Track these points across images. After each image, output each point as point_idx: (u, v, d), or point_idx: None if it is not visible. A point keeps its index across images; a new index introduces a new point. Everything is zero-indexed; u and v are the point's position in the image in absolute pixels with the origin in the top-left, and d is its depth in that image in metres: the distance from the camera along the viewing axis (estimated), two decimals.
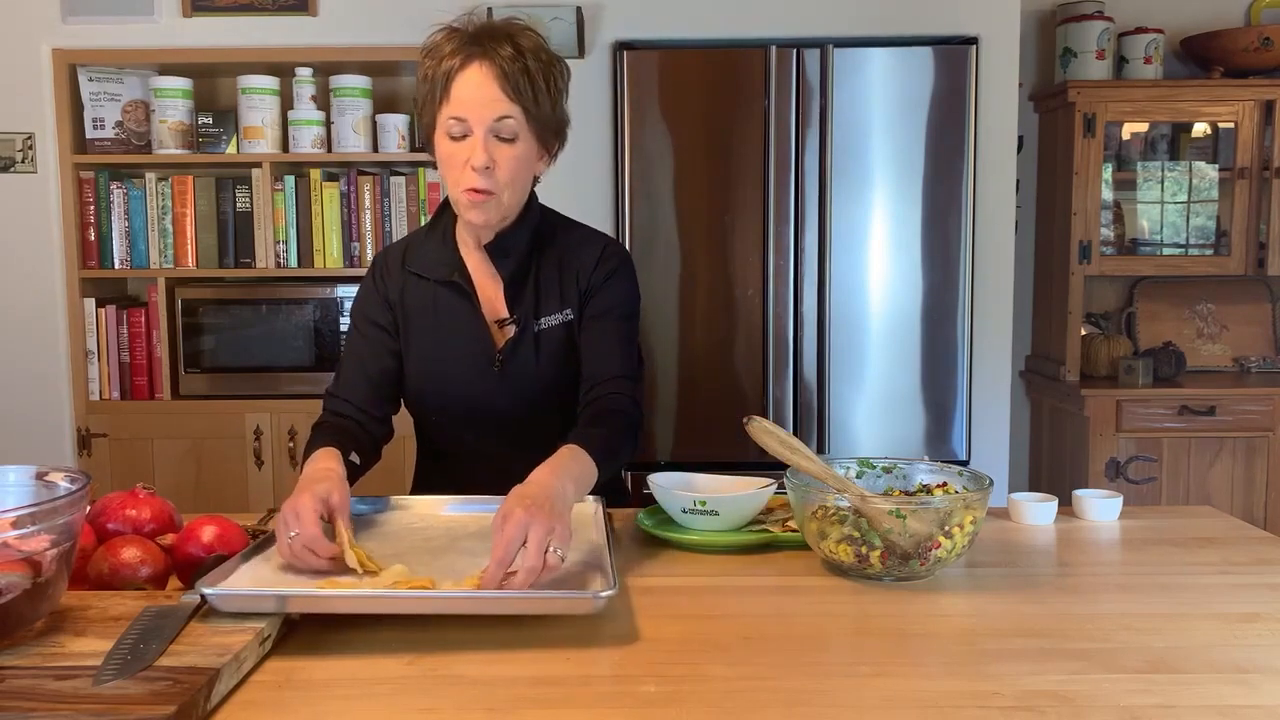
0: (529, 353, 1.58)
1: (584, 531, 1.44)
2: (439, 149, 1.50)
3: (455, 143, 1.47)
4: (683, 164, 3.03)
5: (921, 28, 3.09)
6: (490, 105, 1.44)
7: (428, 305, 1.60)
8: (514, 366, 1.58)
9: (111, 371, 3.21)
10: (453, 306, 1.59)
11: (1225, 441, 3.37)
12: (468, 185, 1.46)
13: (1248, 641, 1.11)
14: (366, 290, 1.66)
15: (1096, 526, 1.57)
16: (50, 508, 1.01)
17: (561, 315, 1.60)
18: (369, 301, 1.64)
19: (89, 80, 3.19)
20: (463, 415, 1.62)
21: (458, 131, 1.46)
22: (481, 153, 1.45)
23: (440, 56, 1.47)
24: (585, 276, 1.60)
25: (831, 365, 3.04)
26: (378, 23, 3.12)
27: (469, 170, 1.46)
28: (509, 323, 1.59)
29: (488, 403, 1.60)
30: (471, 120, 1.45)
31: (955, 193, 3.02)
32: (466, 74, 1.45)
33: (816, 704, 0.97)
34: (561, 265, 1.61)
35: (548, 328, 1.59)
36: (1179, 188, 3.59)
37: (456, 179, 1.48)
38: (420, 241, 1.65)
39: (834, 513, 1.32)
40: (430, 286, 1.60)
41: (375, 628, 1.12)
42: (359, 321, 1.65)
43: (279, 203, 3.19)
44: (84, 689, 0.91)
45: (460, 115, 1.45)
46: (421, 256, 1.62)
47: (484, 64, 1.44)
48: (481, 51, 1.45)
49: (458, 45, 1.46)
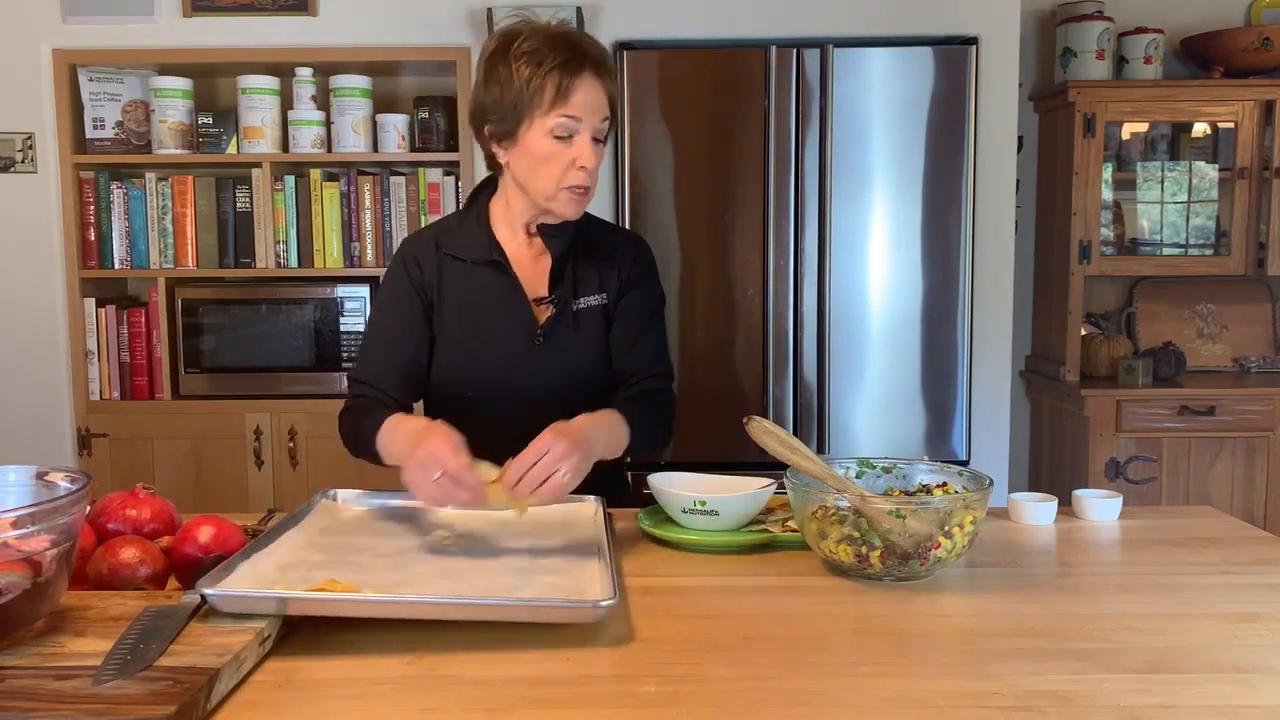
0: (568, 329, 1.66)
1: (584, 531, 1.44)
2: (537, 147, 1.56)
3: (559, 142, 1.55)
4: (683, 164, 3.03)
5: (921, 28, 3.09)
6: (600, 110, 1.56)
7: (465, 286, 1.66)
8: (554, 341, 1.65)
9: (111, 371, 3.21)
10: (493, 285, 1.65)
11: (1225, 441, 3.37)
12: (574, 183, 1.57)
13: (1248, 641, 1.11)
14: (395, 277, 1.68)
15: (1096, 526, 1.57)
16: (50, 508, 1.01)
17: (598, 298, 1.69)
18: (399, 288, 1.67)
19: (89, 80, 3.19)
20: (499, 394, 1.66)
21: (563, 132, 1.54)
22: (592, 153, 1.56)
23: (542, 60, 1.52)
24: (626, 268, 1.71)
25: (831, 365, 3.04)
26: (378, 23, 3.12)
27: (574, 170, 1.56)
28: (548, 301, 1.66)
29: (526, 379, 1.65)
30: (585, 122, 1.55)
31: (955, 193, 3.02)
32: (584, 82, 1.54)
33: (816, 704, 0.97)
34: (600, 253, 1.70)
35: (585, 308, 1.68)
36: (1179, 188, 3.59)
37: (558, 177, 1.56)
38: (454, 227, 1.70)
39: (834, 513, 1.32)
40: (467, 268, 1.66)
41: (375, 628, 1.12)
42: (389, 307, 1.68)
43: (279, 203, 3.19)
44: (84, 689, 0.91)
45: (576, 115, 1.54)
46: (457, 240, 1.68)
47: (596, 75, 1.55)
48: (594, 64, 1.56)
49: (569, 54, 1.54)
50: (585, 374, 1.68)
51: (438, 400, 1.71)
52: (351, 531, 1.42)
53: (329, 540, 1.36)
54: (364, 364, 1.68)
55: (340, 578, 1.19)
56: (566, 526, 1.47)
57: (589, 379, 1.68)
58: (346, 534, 1.40)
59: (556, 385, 1.65)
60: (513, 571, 1.26)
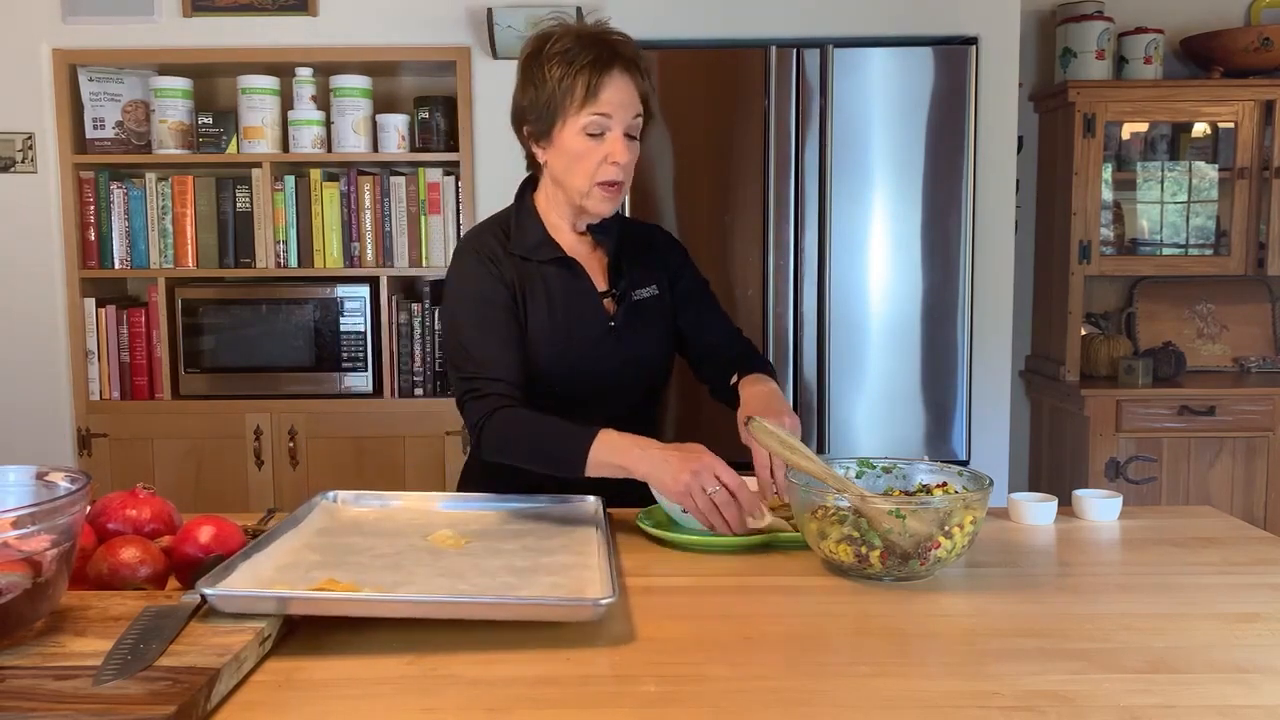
0: (634, 318, 1.73)
1: (584, 531, 1.44)
2: (571, 145, 1.61)
3: (592, 139, 1.60)
4: (683, 164, 3.03)
5: (921, 28, 3.09)
6: (631, 107, 1.61)
7: (539, 284, 1.68)
8: (627, 332, 1.72)
9: (111, 371, 3.21)
10: (565, 282, 1.69)
11: (1225, 441, 3.37)
12: (607, 178, 1.62)
13: (1248, 641, 1.11)
14: (478, 275, 1.66)
15: (1096, 526, 1.57)
16: (50, 508, 1.01)
17: (650, 289, 1.76)
18: (488, 284, 1.66)
19: (89, 80, 3.19)
20: (584, 382, 1.69)
21: (596, 129, 1.59)
22: (624, 149, 1.61)
23: (573, 60, 1.57)
24: (665, 258, 1.81)
25: (831, 365, 3.04)
26: (378, 23, 3.12)
27: (607, 165, 1.61)
28: (611, 294, 1.73)
29: (605, 367, 1.70)
30: (616, 119, 1.59)
31: (955, 193, 3.02)
32: (614, 77, 1.58)
33: (816, 704, 0.97)
34: (639, 247, 1.78)
35: (642, 299, 1.75)
36: (1179, 188, 3.59)
37: (591, 172, 1.61)
38: (515, 228, 1.71)
39: (834, 513, 1.32)
40: (536, 267, 1.68)
41: (375, 628, 1.12)
42: (485, 304, 1.64)
43: (279, 203, 3.19)
44: (84, 689, 0.91)
45: (607, 112, 1.58)
46: (521, 240, 1.70)
47: (627, 72, 1.60)
48: (624, 61, 1.60)
49: (598, 51, 1.58)
50: (653, 359, 1.77)
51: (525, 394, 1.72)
52: (351, 532, 1.42)
53: (328, 541, 1.37)
54: (490, 364, 1.61)
55: (340, 578, 1.19)
56: (566, 526, 1.47)
57: (656, 364, 1.78)
58: (346, 534, 1.40)
59: (629, 372, 1.72)
60: (513, 571, 1.26)
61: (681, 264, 1.83)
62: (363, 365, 3.18)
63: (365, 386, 3.18)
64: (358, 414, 3.17)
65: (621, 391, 1.72)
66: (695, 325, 1.80)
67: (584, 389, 1.68)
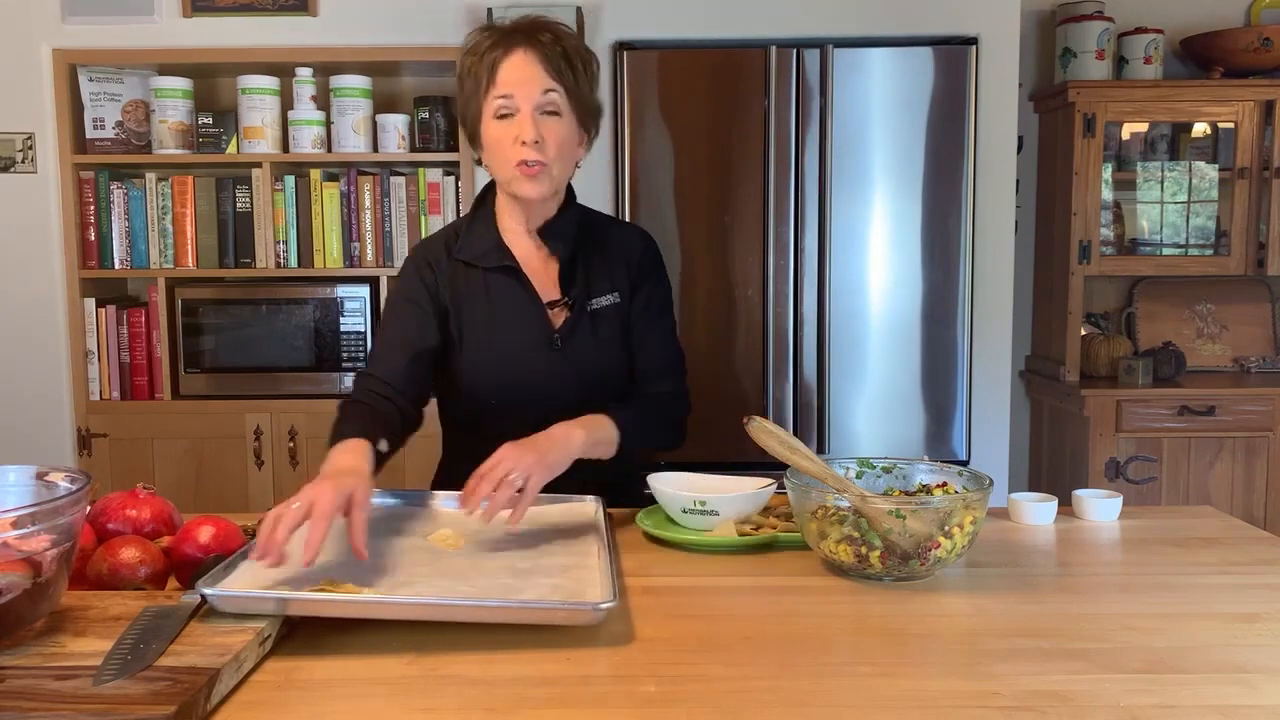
0: (586, 331, 1.65)
1: (584, 532, 1.44)
2: (487, 133, 1.57)
3: (502, 122, 1.55)
4: (683, 164, 3.03)
5: (921, 28, 3.09)
6: (535, 81, 1.53)
7: (480, 292, 1.64)
8: (572, 345, 1.64)
9: (111, 371, 3.21)
10: (507, 291, 1.64)
11: (1225, 441, 3.36)
12: (519, 159, 1.54)
13: (1248, 641, 1.11)
14: (408, 278, 1.67)
15: (1096, 526, 1.57)
16: (50, 508, 1.01)
17: (612, 297, 1.67)
18: (410, 285, 1.66)
19: (89, 80, 3.19)
20: (521, 400, 1.63)
21: (505, 109, 1.54)
22: (531, 126, 1.53)
23: (481, 51, 1.57)
24: (635, 264, 1.70)
25: (831, 365, 3.04)
26: (378, 23, 3.12)
27: (518, 145, 1.53)
28: (562, 304, 1.65)
29: (547, 385, 1.63)
30: (519, 96, 1.53)
31: (955, 193, 3.02)
32: (512, 58, 1.54)
33: (816, 704, 0.97)
34: (608, 251, 1.69)
35: (600, 308, 1.66)
36: (1179, 188, 3.59)
37: (507, 157, 1.55)
38: (464, 232, 1.68)
39: (834, 513, 1.32)
40: (480, 274, 1.65)
41: (375, 628, 1.12)
42: (399, 305, 1.66)
43: (279, 203, 3.19)
44: (84, 689, 0.91)
45: (507, 93, 1.53)
46: (469, 245, 1.66)
47: (527, 49, 1.54)
48: (524, 39, 1.55)
49: (499, 37, 1.56)
50: (606, 375, 1.66)
51: (460, 408, 1.70)
52: None
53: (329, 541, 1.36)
54: (372, 358, 1.65)
55: (340, 578, 1.19)
56: (566, 527, 1.47)
57: (610, 380, 1.67)
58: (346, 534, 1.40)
59: (577, 388, 1.63)
60: (513, 572, 1.26)
61: (648, 273, 1.70)
62: (363, 365, 3.17)
63: None
64: None
65: (564, 404, 1.58)
66: (636, 343, 1.69)
67: (520, 401, 1.62)
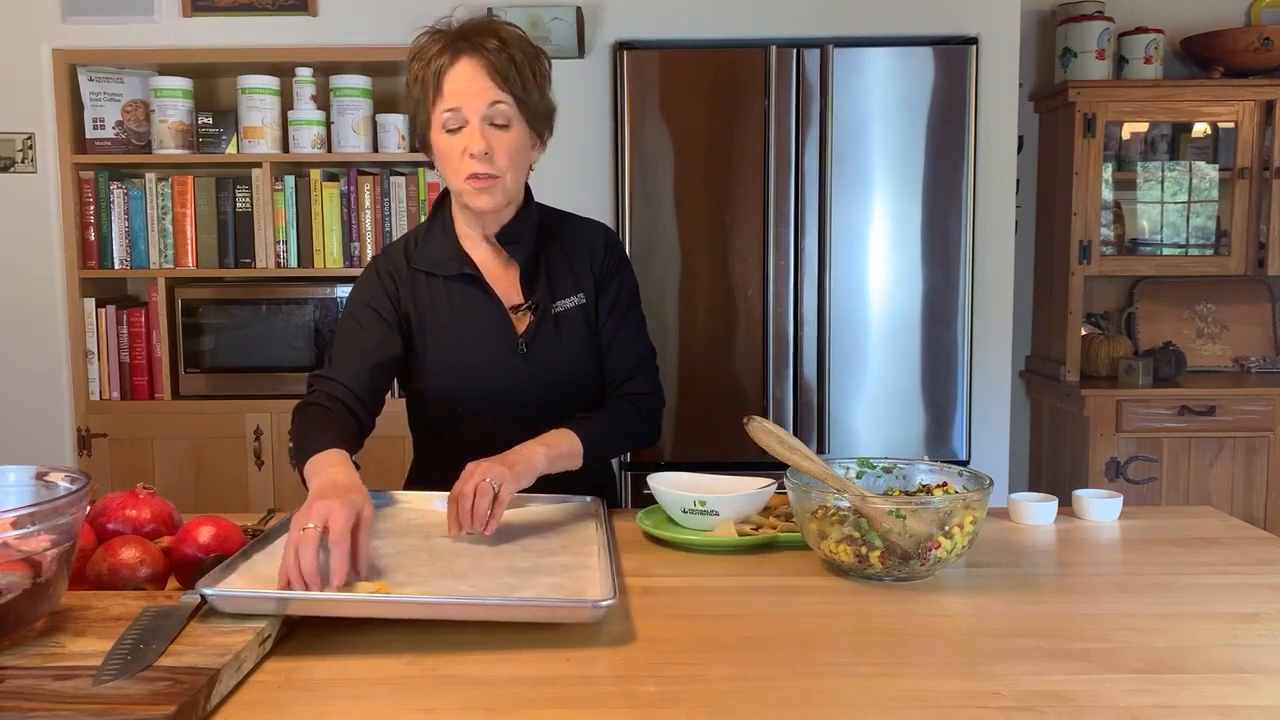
0: (550, 335, 1.62)
1: (584, 532, 1.44)
2: (436, 145, 1.55)
3: (451, 135, 1.52)
4: (683, 164, 3.03)
5: (921, 28, 3.09)
6: (482, 94, 1.50)
7: (441, 301, 1.62)
8: (537, 349, 1.61)
9: (111, 371, 3.21)
10: (468, 299, 1.62)
11: (1225, 441, 3.36)
12: (469, 172, 1.51)
13: (1248, 641, 1.11)
14: (369, 284, 1.65)
15: (1096, 526, 1.57)
16: (50, 508, 1.01)
17: (576, 299, 1.65)
18: (371, 293, 1.64)
19: (89, 80, 3.19)
20: (488, 407, 1.61)
21: (453, 124, 1.51)
22: (480, 139, 1.50)
23: (428, 57, 1.52)
24: (598, 261, 1.67)
25: (831, 365, 3.04)
26: (378, 23, 3.12)
27: (467, 158, 1.51)
28: (525, 308, 1.62)
29: (514, 390, 1.61)
30: (466, 109, 1.50)
31: (955, 192, 3.02)
32: (457, 68, 1.50)
33: (816, 704, 0.97)
34: (569, 250, 1.66)
35: (564, 310, 1.64)
36: (1179, 188, 3.59)
37: (457, 169, 1.53)
38: (422, 240, 1.66)
39: (834, 513, 1.32)
40: (440, 283, 1.63)
41: (375, 628, 1.12)
42: (358, 311, 1.64)
43: (279, 203, 3.19)
44: (84, 689, 0.91)
45: (454, 106, 1.50)
46: (427, 254, 1.64)
47: (472, 58, 1.50)
48: (469, 46, 1.50)
49: (444, 44, 1.52)
50: (573, 379, 1.64)
51: (427, 416, 1.69)
52: None
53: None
54: (329, 361, 1.61)
55: None
56: (567, 526, 1.47)
57: (578, 383, 1.65)
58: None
59: (544, 393, 1.61)
60: (513, 572, 1.26)
61: (613, 271, 1.68)
62: None
63: None
64: None
65: (532, 409, 1.59)
66: (606, 342, 1.66)
67: (487, 408, 1.61)
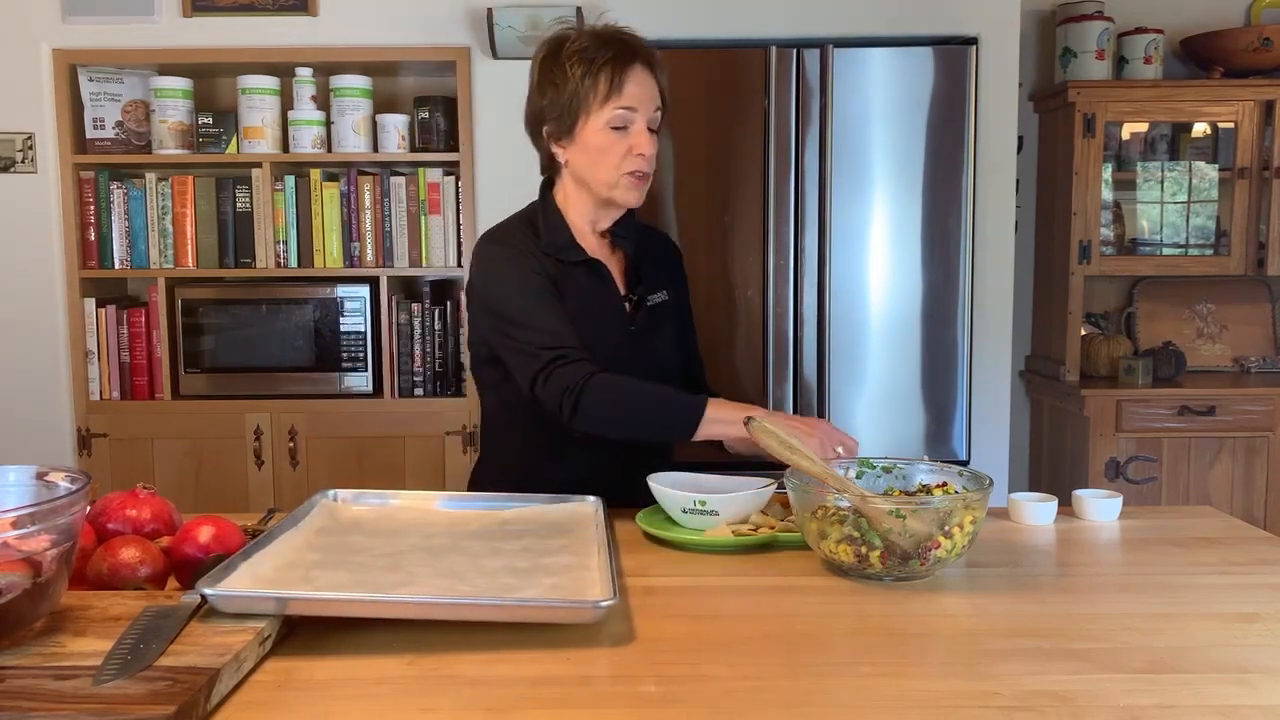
0: (652, 323, 1.77)
1: (584, 532, 1.44)
2: (593, 140, 1.64)
3: (616, 133, 1.64)
4: (683, 164, 3.03)
5: (921, 28, 3.09)
6: (653, 100, 1.66)
7: (569, 285, 1.70)
8: (644, 337, 1.75)
9: (111, 371, 3.21)
10: (590, 285, 1.72)
11: (1225, 441, 3.36)
12: (634, 169, 1.65)
13: (1248, 641, 1.11)
14: (520, 261, 1.67)
15: (1096, 526, 1.57)
16: (50, 508, 1.01)
17: (663, 295, 1.81)
18: (529, 269, 1.67)
19: (89, 80, 3.19)
20: None
21: (621, 122, 1.63)
22: (649, 141, 1.65)
23: (593, 58, 1.62)
24: (675, 266, 1.88)
25: (831, 365, 3.04)
26: (378, 23, 3.12)
27: (633, 156, 1.65)
28: (629, 299, 1.76)
29: (625, 371, 1.65)
30: (640, 112, 1.64)
31: (955, 193, 3.02)
32: (636, 73, 1.64)
33: (816, 704, 0.97)
34: (652, 253, 1.83)
35: (656, 304, 1.79)
36: (1179, 188, 3.59)
37: (617, 165, 1.65)
38: (545, 227, 1.72)
39: (834, 513, 1.32)
40: (566, 268, 1.70)
41: (375, 628, 1.12)
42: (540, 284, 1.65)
43: (279, 203, 3.19)
44: (84, 689, 0.91)
45: (631, 106, 1.63)
46: (553, 241, 1.71)
47: (646, 67, 1.66)
48: (645, 55, 1.67)
49: (618, 48, 1.64)
50: (670, 364, 1.80)
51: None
52: (352, 531, 1.42)
53: (329, 540, 1.36)
54: (565, 332, 1.62)
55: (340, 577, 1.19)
56: (566, 527, 1.47)
57: (673, 369, 1.81)
58: (346, 533, 1.40)
59: (646, 376, 1.67)
60: (513, 572, 1.26)
61: (682, 275, 1.89)
62: (363, 365, 3.18)
63: (365, 386, 3.18)
64: (358, 414, 3.17)
65: None
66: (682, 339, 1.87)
67: None
